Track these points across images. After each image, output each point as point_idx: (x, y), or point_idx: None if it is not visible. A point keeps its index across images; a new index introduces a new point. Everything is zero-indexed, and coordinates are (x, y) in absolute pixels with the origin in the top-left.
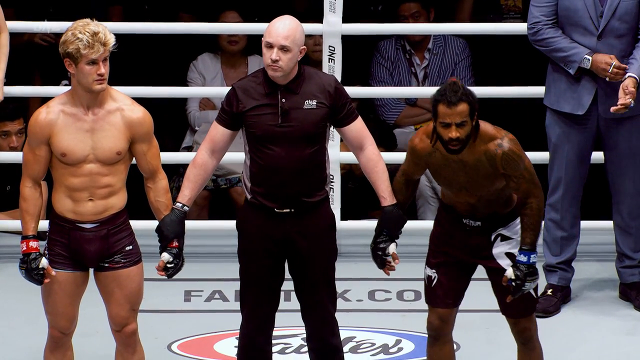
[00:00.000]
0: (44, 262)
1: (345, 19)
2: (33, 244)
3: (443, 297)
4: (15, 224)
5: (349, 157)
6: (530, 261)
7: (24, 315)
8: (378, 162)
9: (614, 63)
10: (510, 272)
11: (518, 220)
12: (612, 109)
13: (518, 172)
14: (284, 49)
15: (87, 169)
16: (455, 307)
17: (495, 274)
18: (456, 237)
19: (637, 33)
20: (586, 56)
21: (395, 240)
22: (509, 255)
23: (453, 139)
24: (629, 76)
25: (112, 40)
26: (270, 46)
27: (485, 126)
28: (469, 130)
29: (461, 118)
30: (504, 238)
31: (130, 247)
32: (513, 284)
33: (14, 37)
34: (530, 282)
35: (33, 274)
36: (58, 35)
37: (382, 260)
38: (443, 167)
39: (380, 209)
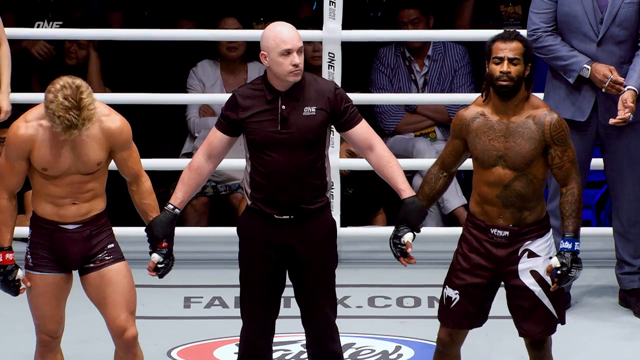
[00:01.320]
0: (19, 273)
1: (345, 26)
2: (9, 255)
3: (459, 318)
4: (15, 231)
5: (349, 163)
6: (575, 248)
7: (22, 322)
8: (390, 158)
9: (611, 77)
10: (555, 261)
11: (546, 236)
12: (611, 121)
13: (565, 146)
14: (299, 50)
15: (68, 179)
16: (468, 329)
17: (515, 295)
18: (482, 252)
19: (637, 40)
20: (585, 66)
21: (415, 232)
22: (534, 273)
23: (504, 73)
24: (628, 89)
25: (86, 128)
26: (288, 52)
27: (536, 97)
28: (520, 72)
29: (514, 54)
30: (531, 254)
31: (112, 245)
32: (559, 271)
33: (12, 43)
34: (576, 269)
35: (10, 285)
36: (56, 44)
37: (400, 249)
38: (484, 132)
39: (400, 202)
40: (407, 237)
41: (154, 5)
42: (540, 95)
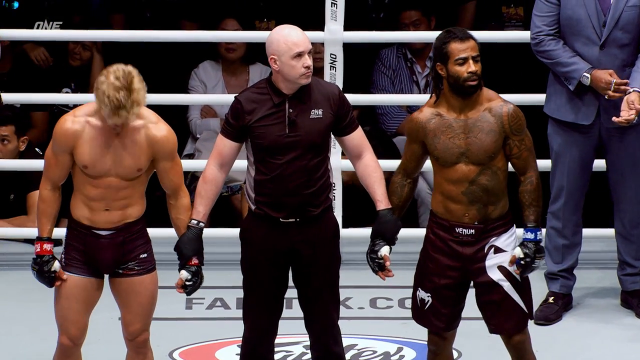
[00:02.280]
0: (56, 265)
1: (347, 27)
2: (47, 246)
3: (434, 321)
4: (17, 232)
5: (351, 165)
6: (537, 238)
7: (25, 323)
8: (376, 168)
9: (614, 80)
10: (518, 251)
11: (511, 231)
12: (614, 119)
13: (522, 135)
14: (310, 52)
15: (106, 181)
16: (448, 330)
17: (484, 292)
18: (447, 252)
19: None
20: (585, 74)
21: (390, 245)
22: (501, 269)
23: (473, 73)
24: (634, 90)
25: (134, 113)
26: (300, 55)
27: (487, 89)
28: (481, 69)
29: (475, 52)
30: (497, 250)
31: (145, 255)
32: (522, 262)
33: (13, 45)
34: (539, 259)
35: (45, 275)
36: (60, 44)
37: (377, 263)
38: (443, 131)
39: (375, 214)
40: (384, 250)
41: (156, 7)
42: (542, 97)
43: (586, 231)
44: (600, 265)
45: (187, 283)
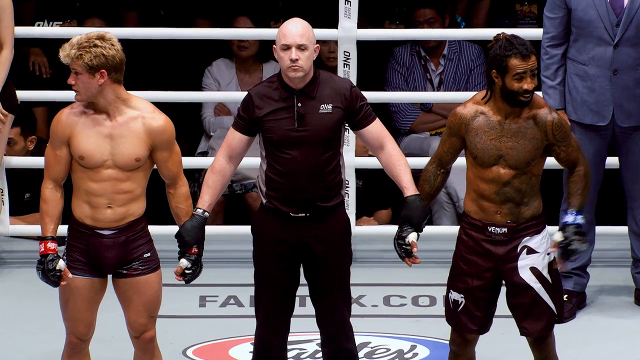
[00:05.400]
0: (61, 264)
1: (369, 20)
2: (51, 245)
3: (467, 324)
4: (30, 229)
5: (364, 162)
6: (576, 221)
7: (40, 320)
8: (400, 157)
9: None
10: (558, 235)
11: (544, 232)
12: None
13: (568, 140)
14: (301, 47)
15: (105, 174)
16: (481, 333)
17: (515, 293)
18: (480, 252)
19: None
20: None
21: (418, 232)
22: (533, 270)
23: (528, 91)
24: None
25: (84, 59)
26: (287, 47)
27: (537, 95)
28: (536, 83)
29: (535, 66)
30: (530, 251)
31: (149, 254)
32: (562, 245)
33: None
34: (579, 241)
35: (50, 275)
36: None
37: (404, 250)
38: (485, 131)
39: (402, 200)
40: (412, 237)
41: (169, 5)
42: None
43: (599, 229)
44: (613, 263)
45: (187, 271)
